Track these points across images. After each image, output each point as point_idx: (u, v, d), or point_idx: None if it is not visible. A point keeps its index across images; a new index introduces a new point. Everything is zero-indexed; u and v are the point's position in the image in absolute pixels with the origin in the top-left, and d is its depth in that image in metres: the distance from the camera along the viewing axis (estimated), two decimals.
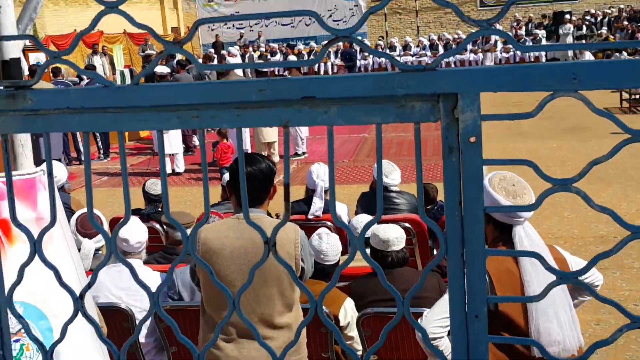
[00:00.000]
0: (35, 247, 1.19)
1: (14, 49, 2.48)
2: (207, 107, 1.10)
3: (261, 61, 16.95)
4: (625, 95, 16.15)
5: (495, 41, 24.43)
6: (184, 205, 9.40)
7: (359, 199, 6.53)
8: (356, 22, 1.05)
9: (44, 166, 2.69)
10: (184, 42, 1.10)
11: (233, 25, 30.53)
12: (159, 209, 5.96)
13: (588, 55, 20.69)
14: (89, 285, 1.20)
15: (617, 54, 18.75)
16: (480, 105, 1.01)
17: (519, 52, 23.64)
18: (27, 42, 16.73)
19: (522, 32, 25.02)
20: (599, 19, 25.27)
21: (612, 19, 24.88)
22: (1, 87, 1.16)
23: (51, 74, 13.73)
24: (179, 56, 19.74)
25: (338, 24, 29.90)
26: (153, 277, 3.94)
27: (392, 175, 6.14)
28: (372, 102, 1.06)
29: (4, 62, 2.48)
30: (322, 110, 1.08)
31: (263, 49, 27.71)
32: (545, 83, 0.97)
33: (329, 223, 5.95)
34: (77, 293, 1.20)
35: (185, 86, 1.10)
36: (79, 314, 1.18)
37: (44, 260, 1.18)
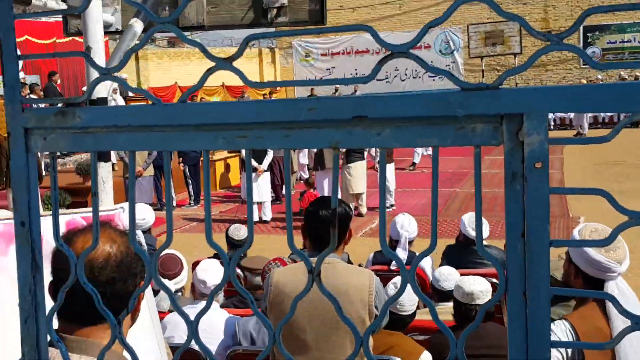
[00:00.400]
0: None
1: (101, 90, 2.55)
2: (254, 126, 1.05)
3: None
4: None
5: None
6: (269, 253, 9.43)
7: (445, 252, 6.35)
8: (413, 38, 0.98)
9: (123, 204, 2.73)
10: (234, 58, 1.06)
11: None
12: (242, 255, 5.99)
13: None
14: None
15: None
16: (547, 128, 0.91)
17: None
18: (130, 93, 17.50)
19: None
20: None
21: None
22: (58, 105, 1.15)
23: None
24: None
25: (434, 80, 29.93)
26: (222, 321, 3.92)
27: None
28: (428, 123, 0.97)
29: (92, 101, 2.56)
30: (374, 131, 1.00)
31: None
32: (620, 104, 0.86)
33: None
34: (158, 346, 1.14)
35: (233, 105, 1.06)
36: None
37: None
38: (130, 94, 17.85)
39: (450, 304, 4.51)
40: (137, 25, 3.36)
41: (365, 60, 30.64)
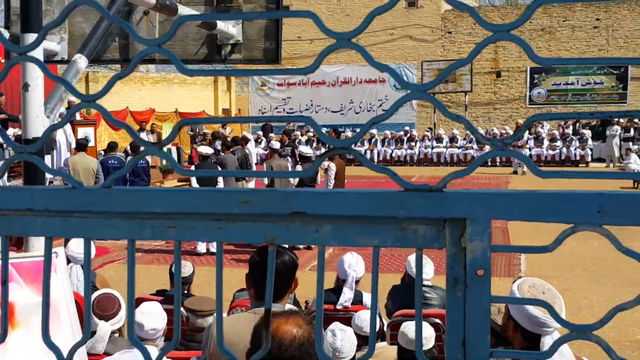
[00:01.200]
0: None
1: (37, 128, 2.45)
2: (185, 217, 0.98)
3: (307, 146, 17.09)
4: None
5: (542, 138, 24.26)
6: (213, 287, 9.25)
7: (390, 292, 6.30)
8: (434, 79, 0.94)
9: (57, 249, 2.61)
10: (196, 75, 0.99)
11: (284, 110, 31.18)
12: (185, 291, 5.83)
13: (634, 158, 20.33)
14: None
15: None
16: (492, 235, 0.87)
17: (564, 149, 23.50)
18: (78, 116, 17.14)
19: (570, 130, 24.85)
20: None
21: None
22: None
23: (104, 150, 13.96)
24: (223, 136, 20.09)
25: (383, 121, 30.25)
26: None
27: (425, 268, 5.92)
28: (370, 222, 0.92)
29: (27, 140, 2.45)
30: (313, 228, 0.95)
31: (311, 134, 28.10)
32: (566, 214, 0.83)
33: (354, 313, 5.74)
34: None
35: (162, 192, 0.99)
36: None
37: None
38: (78, 116, 17.49)
39: (384, 344, 4.49)
40: (81, 61, 3.26)
41: (321, 92, 30.85)
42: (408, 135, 26.63)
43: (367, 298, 6.01)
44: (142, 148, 0.99)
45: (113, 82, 1.02)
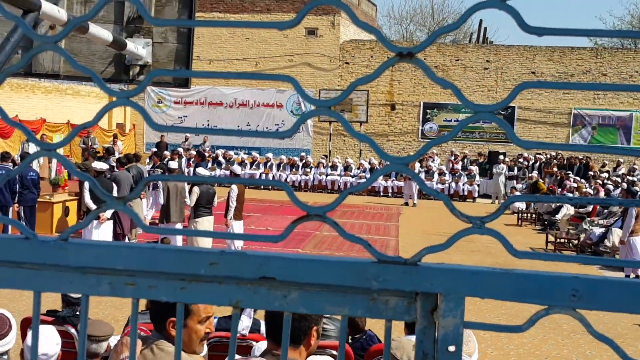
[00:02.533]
0: None
1: None
2: (146, 275, 0.94)
3: (203, 168, 16.84)
4: (551, 238, 15.57)
5: (433, 171, 25.11)
6: (105, 305, 8.88)
7: None
8: (340, 94, 0.92)
9: None
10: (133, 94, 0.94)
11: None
12: (77, 312, 5.53)
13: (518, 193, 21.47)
14: None
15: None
16: (464, 311, 0.88)
17: (453, 184, 24.41)
18: None
19: (459, 166, 25.86)
20: (530, 162, 26.44)
21: (543, 164, 26.05)
22: None
23: None
24: (117, 154, 19.49)
25: (284, 138, 30.40)
26: None
27: None
28: (341, 291, 0.91)
29: None
30: (281, 293, 0.93)
31: (206, 154, 27.77)
32: (540, 296, 0.85)
33: (254, 343, 5.67)
34: None
35: (124, 248, 0.94)
36: None
37: None
38: None
39: None
40: None
41: (218, 113, 30.56)
42: (304, 161, 26.83)
43: (264, 327, 5.96)
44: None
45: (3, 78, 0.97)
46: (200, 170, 13.59)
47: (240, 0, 30.79)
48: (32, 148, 18.91)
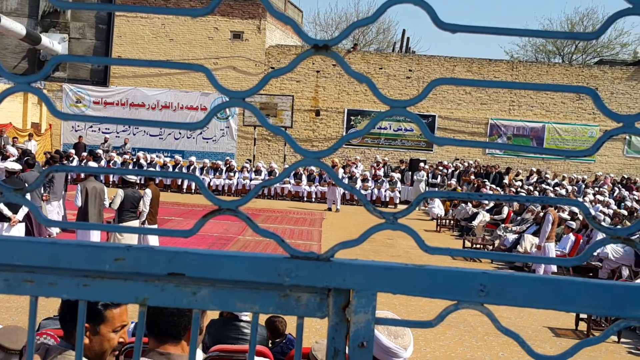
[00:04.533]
0: None
1: None
2: (46, 271, 0.89)
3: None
4: (468, 244, 15.84)
5: (356, 177, 25.38)
6: (16, 311, 8.51)
7: (208, 326, 6.18)
8: (255, 85, 0.90)
9: None
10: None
11: (99, 129, 29.82)
12: None
13: (437, 203, 21.95)
14: None
15: (463, 204, 19.97)
16: (376, 307, 0.87)
17: (376, 190, 24.73)
18: None
19: (381, 172, 26.23)
20: (449, 170, 27.12)
21: (461, 172, 26.76)
22: None
23: None
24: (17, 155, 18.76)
25: (207, 142, 30.08)
26: None
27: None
28: (252, 287, 0.89)
29: None
30: (190, 290, 0.90)
31: (127, 157, 27.15)
32: (449, 291, 0.86)
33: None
34: None
35: (22, 243, 0.89)
36: None
37: None
38: None
39: None
40: None
41: (140, 114, 29.86)
42: (228, 165, 26.60)
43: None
44: None
45: None
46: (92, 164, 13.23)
47: (164, 1, 30.27)
48: None
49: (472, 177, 25.48)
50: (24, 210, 11.15)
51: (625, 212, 17.01)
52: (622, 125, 0.83)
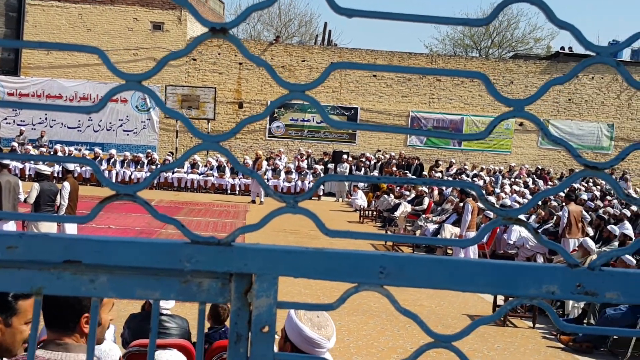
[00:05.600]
0: None
1: None
2: None
3: (40, 162, 15.86)
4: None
5: (280, 170, 25.37)
6: None
7: (127, 320, 6.06)
8: (152, 68, 0.88)
9: None
10: None
11: (14, 121, 28.67)
12: None
13: (360, 194, 22.23)
14: None
15: (385, 195, 20.29)
16: (278, 291, 0.88)
17: (299, 182, 24.81)
18: None
19: (305, 164, 26.33)
20: (372, 162, 27.48)
21: (383, 163, 27.18)
22: None
23: None
24: None
25: (128, 134, 29.41)
26: None
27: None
28: (152, 273, 0.88)
29: None
30: (87, 278, 0.88)
31: (44, 149, 26.25)
32: (350, 274, 0.87)
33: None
34: None
35: None
36: None
37: None
38: None
39: None
40: None
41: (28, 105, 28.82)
42: (149, 158, 26.10)
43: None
44: None
45: None
46: (41, 166, 12.75)
47: None
48: None
49: (394, 168, 25.91)
50: None
51: (539, 202, 17.67)
52: (512, 109, 0.87)
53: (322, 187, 25.28)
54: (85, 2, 29.23)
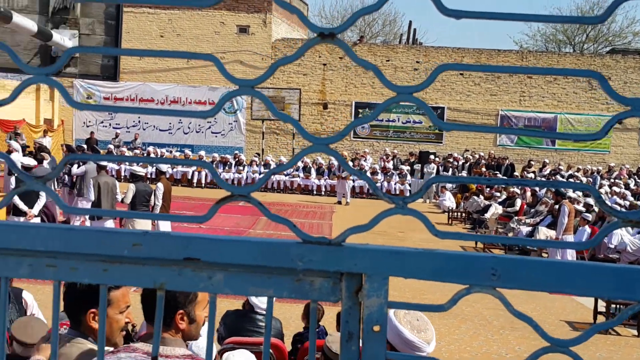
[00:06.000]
0: None
1: None
2: (67, 256, 0.91)
3: (135, 163, 16.49)
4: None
5: (365, 170, 25.36)
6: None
7: (223, 317, 6.21)
8: (263, 73, 0.92)
9: None
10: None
11: (110, 125, 29.94)
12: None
13: (448, 195, 21.92)
14: None
15: (475, 196, 19.92)
16: (388, 290, 0.89)
17: (385, 183, 24.70)
18: None
19: (390, 165, 26.22)
20: (460, 162, 27.02)
21: (472, 164, 26.68)
22: None
23: None
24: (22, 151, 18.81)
25: (216, 136, 30.15)
26: None
27: (262, 297, 5.91)
28: (265, 272, 0.91)
29: None
30: (206, 275, 0.92)
31: (137, 151, 27.29)
32: (461, 275, 0.87)
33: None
34: None
35: (44, 229, 0.91)
36: None
37: None
38: None
39: None
40: None
41: (149, 110, 29.89)
42: (237, 159, 26.67)
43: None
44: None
45: None
46: (135, 167, 13.26)
47: None
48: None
49: (483, 169, 25.42)
50: (39, 205, 11.25)
51: None
52: (630, 109, 0.85)
53: (408, 187, 25.10)
54: (174, 8, 30.18)
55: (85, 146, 25.22)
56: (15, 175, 13.24)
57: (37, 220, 11.44)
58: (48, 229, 0.91)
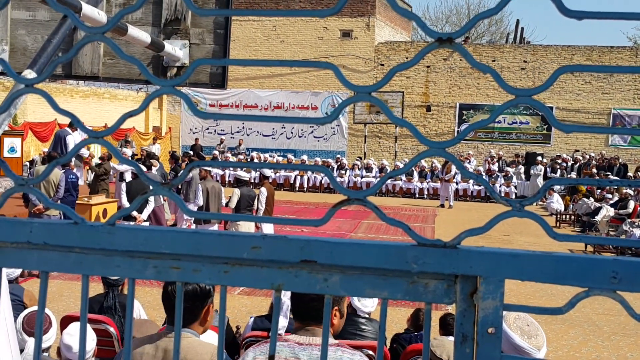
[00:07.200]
0: None
1: None
2: (190, 258, 0.96)
3: (239, 169, 16.94)
4: None
5: (455, 173, 24.83)
6: (68, 298, 8.90)
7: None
8: (380, 80, 0.94)
9: None
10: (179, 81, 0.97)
11: (215, 131, 30.90)
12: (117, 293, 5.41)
13: (556, 197, 21.16)
14: None
15: (585, 198, 19.13)
16: (504, 293, 0.89)
17: (475, 185, 24.09)
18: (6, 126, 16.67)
19: (495, 167, 25.61)
20: (569, 163, 26.02)
21: (582, 165, 25.62)
22: None
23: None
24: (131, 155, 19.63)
25: (319, 141, 30.49)
26: None
27: (365, 301, 5.93)
28: (380, 274, 0.93)
29: None
30: (322, 277, 0.94)
31: (242, 157, 28.01)
32: (579, 278, 0.86)
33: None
34: None
35: (170, 232, 0.97)
36: None
37: None
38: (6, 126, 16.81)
39: None
40: (31, 76, 3.13)
41: (274, 118, 30.60)
42: (339, 163, 26.84)
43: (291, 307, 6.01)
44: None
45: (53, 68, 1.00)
46: (240, 172, 13.64)
47: (275, 4, 30.93)
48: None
49: (594, 170, 24.36)
50: (148, 210, 11.77)
51: None
52: None
53: (513, 190, 24.43)
54: (279, 15, 30.74)
55: (191, 152, 26.15)
56: (126, 181, 13.92)
57: (147, 224, 11.97)
58: (174, 232, 0.96)
